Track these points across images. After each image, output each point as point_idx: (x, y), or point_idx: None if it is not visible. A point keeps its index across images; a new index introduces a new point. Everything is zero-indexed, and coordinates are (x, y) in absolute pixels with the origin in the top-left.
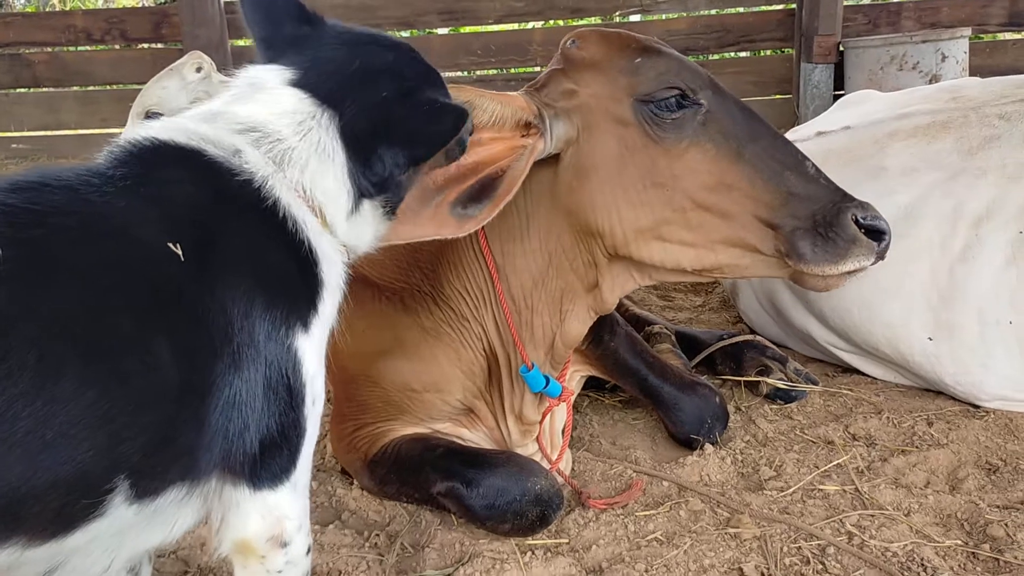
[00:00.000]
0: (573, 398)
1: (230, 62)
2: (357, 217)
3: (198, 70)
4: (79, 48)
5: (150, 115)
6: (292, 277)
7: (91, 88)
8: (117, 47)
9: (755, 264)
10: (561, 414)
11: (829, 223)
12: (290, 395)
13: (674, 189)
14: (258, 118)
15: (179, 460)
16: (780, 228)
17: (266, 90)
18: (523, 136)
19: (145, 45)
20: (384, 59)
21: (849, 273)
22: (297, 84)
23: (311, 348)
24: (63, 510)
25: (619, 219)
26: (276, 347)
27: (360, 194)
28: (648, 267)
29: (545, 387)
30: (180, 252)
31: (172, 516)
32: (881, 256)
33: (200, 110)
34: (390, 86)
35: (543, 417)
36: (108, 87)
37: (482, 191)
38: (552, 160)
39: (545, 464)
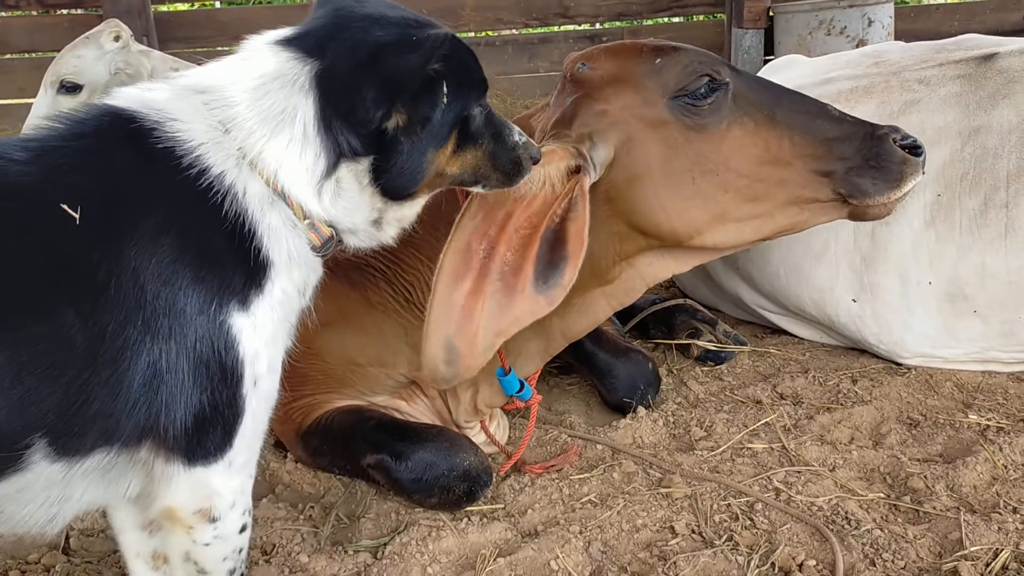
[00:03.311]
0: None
1: (152, 29)
2: (335, 186)
3: (116, 39)
4: None
5: (64, 84)
6: (222, 251)
7: (7, 56)
8: (34, 13)
9: (814, 215)
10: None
11: (876, 154)
12: (223, 372)
13: (726, 171)
14: (216, 82)
15: (98, 423)
16: (834, 173)
17: (247, 54)
18: (570, 179)
19: (63, 11)
20: (391, 11)
21: (906, 194)
22: (285, 43)
23: (251, 327)
24: None
25: (672, 216)
26: (206, 322)
27: (339, 155)
28: (698, 251)
29: (519, 391)
30: (76, 215)
31: (116, 478)
32: (922, 169)
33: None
34: (386, 30)
35: (502, 407)
36: (25, 55)
37: (551, 251)
38: None
39: (488, 447)
